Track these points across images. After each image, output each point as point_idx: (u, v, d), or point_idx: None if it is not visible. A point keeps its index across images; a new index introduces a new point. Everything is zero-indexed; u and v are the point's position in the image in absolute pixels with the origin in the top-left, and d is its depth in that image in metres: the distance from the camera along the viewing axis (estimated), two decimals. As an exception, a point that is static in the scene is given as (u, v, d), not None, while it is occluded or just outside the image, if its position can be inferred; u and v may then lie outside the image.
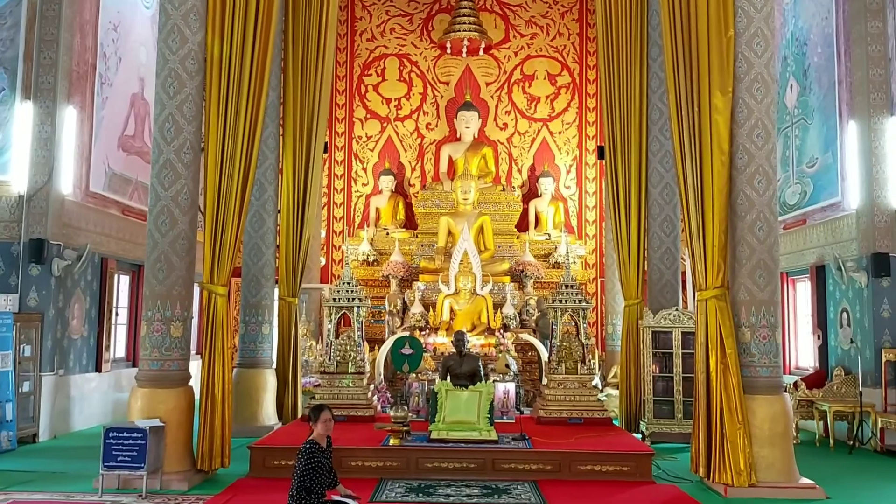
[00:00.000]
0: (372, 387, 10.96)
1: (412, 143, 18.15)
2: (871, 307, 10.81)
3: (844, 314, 11.56)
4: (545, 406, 10.19)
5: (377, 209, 17.51)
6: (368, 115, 18.19)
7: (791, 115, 13.34)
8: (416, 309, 14.24)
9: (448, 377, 10.27)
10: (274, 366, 11.78)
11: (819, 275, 12.34)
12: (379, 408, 10.79)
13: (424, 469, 8.24)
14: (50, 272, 10.76)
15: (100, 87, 12.15)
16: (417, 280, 15.18)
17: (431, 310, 14.20)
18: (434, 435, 8.57)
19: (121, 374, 12.76)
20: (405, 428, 8.71)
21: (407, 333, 12.51)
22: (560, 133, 18.12)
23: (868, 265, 10.86)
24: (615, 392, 12.28)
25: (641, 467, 8.27)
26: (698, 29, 8.33)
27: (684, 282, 12.27)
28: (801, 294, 13.48)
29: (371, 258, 16.51)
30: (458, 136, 17.70)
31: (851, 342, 11.23)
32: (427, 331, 13.75)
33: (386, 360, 12.32)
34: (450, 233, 15.81)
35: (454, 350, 11.00)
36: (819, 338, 12.29)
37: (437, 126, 18.17)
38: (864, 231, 11.05)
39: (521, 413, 11.34)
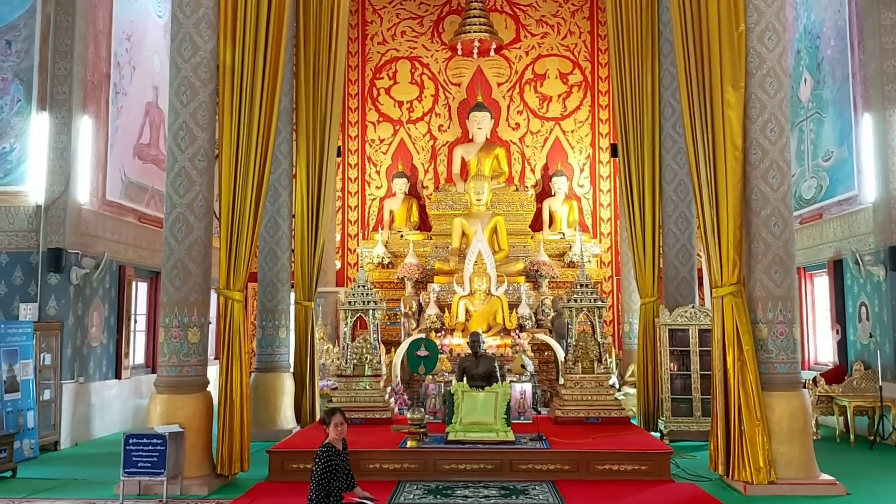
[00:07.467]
0: (388, 389, 10.99)
1: (425, 146, 18.18)
2: (889, 301, 10.71)
3: (863, 308, 11.47)
4: (562, 406, 10.17)
5: (391, 212, 17.56)
6: (381, 119, 18.24)
7: (805, 109, 13.25)
8: (432, 311, 14.27)
9: (464, 378, 10.27)
10: (291, 370, 11.85)
11: (837, 269, 12.25)
12: (396, 410, 10.81)
13: (442, 471, 8.24)
14: (68, 281, 10.86)
15: (114, 97, 12.26)
16: (432, 282, 15.21)
17: (447, 311, 14.22)
18: (451, 436, 8.58)
19: (140, 381, 12.86)
20: (422, 430, 8.72)
21: (422, 335, 12.53)
22: (573, 132, 18.09)
23: (886, 258, 10.76)
24: (632, 391, 12.25)
25: (660, 466, 8.23)
26: (709, 24, 8.31)
27: (700, 279, 12.22)
28: (819, 289, 13.38)
29: (386, 261, 16.55)
30: (470, 137, 17.71)
31: (871, 336, 11.13)
32: (442, 332, 13.77)
33: (402, 362, 12.35)
34: (464, 234, 15.82)
35: (470, 351, 11.00)
36: (838, 332, 12.20)
37: (449, 128, 18.19)
38: (881, 224, 10.95)
39: (539, 413, 11.32)
